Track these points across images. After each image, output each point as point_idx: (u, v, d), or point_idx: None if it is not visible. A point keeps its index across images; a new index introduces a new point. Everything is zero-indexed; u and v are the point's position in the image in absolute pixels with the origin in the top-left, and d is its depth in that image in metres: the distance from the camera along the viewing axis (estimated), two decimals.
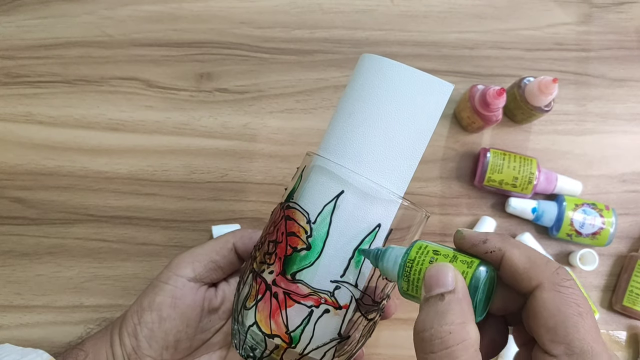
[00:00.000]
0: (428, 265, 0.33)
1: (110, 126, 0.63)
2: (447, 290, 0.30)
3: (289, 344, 0.38)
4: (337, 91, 0.65)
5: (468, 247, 0.34)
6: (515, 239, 0.62)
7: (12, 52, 0.64)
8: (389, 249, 0.36)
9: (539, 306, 0.31)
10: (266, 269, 0.40)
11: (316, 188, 0.39)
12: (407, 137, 0.39)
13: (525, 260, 0.32)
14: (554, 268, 0.31)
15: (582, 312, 0.30)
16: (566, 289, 0.30)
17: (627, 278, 0.63)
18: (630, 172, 0.67)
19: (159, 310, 0.45)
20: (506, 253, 0.32)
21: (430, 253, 0.33)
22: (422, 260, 0.33)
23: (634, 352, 0.64)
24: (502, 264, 0.33)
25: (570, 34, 0.69)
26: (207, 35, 0.66)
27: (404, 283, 0.34)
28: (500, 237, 0.33)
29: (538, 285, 0.31)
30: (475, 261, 0.32)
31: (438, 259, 0.33)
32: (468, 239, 0.34)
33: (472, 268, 0.32)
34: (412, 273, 0.33)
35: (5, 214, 0.61)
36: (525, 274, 0.32)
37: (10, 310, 0.59)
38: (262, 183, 0.63)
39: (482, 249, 0.33)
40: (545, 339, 0.30)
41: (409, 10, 0.68)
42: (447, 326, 0.29)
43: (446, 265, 0.32)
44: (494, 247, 0.33)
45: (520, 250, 0.32)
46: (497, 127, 0.66)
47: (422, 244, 0.34)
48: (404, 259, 0.34)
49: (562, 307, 0.30)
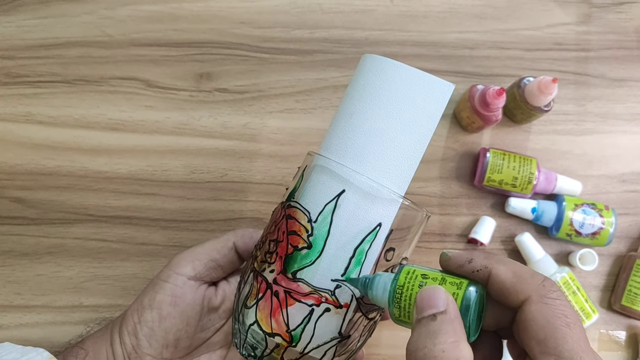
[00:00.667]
0: (418, 290, 0.33)
1: (110, 126, 0.63)
2: (439, 311, 0.31)
3: (290, 342, 0.38)
4: (336, 91, 0.66)
5: (454, 268, 0.34)
6: (516, 238, 0.63)
7: (12, 52, 0.64)
8: (377, 277, 0.36)
9: (528, 319, 0.31)
10: (267, 268, 0.40)
11: (317, 187, 0.39)
12: (408, 137, 0.39)
13: (511, 275, 0.32)
14: (540, 280, 0.32)
15: (570, 322, 0.30)
16: (553, 300, 0.31)
17: (625, 277, 0.64)
18: (630, 172, 0.67)
19: (159, 309, 0.45)
20: (492, 270, 0.33)
21: (419, 277, 0.34)
22: (412, 285, 0.33)
23: (633, 352, 0.64)
24: (490, 281, 0.33)
25: (570, 34, 0.70)
26: (207, 35, 0.66)
27: (396, 310, 0.34)
28: (484, 254, 0.34)
29: (526, 299, 0.31)
30: (464, 282, 0.33)
31: (427, 282, 0.33)
32: (454, 260, 0.34)
33: (462, 289, 0.32)
34: (402, 299, 0.34)
35: (5, 214, 0.61)
36: (512, 288, 0.32)
37: (10, 310, 0.59)
38: (262, 183, 0.63)
39: (469, 268, 0.34)
40: (536, 351, 0.30)
41: (408, 10, 0.68)
42: (440, 345, 0.29)
43: (437, 287, 0.32)
44: (480, 266, 0.33)
45: (505, 266, 0.33)
46: (496, 127, 0.67)
47: (410, 268, 0.35)
48: (393, 285, 0.34)
49: (551, 319, 0.30)
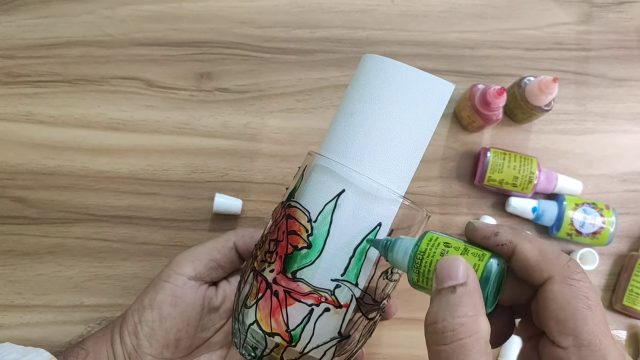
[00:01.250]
0: (439, 258, 0.33)
1: (111, 126, 0.63)
2: (459, 282, 0.31)
3: (289, 342, 0.38)
4: (337, 91, 0.65)
5: (479, 239, 0.34)
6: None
7: (13, 51, 0.64)
8: (399, 240, 0.36)
9: (549, 298, 0.31)
10: (267, 268, 0.40)
11: (317, 187, 0.39)
12: (408, 137, 0.39)
13: (537, 253, 0.32)
14: (565, 261, 0.32)
15: (592, 305, 0.30)
16: (577, 282, 0.31)
17: (627, 277, 0.63)
18: (631, 172, 0.67)
19: (160, 309, 0.45)
20: (517, 246, 0.33)
21: (441, 245, 0.33)
22: (433, 252, 0.33)
23: (634, 352, 0.64)
24: (514, 257, 0.33)
25: (570, 33, 0.69)
26: (208, 35, 0.66)
27: (414, 275, 0.34)
28: (511, 230, 0.34)
29: (549, 278, 0.31)
30: (487, 254, 0.32)
31: (449, 251, 0.33)
32: (479, 231, 0.34)
33: (484, 261, 0.32)
34: (422, 265, 0.33)
35: (6, 214, 0.61)
36: (536, 266, 0.32)
37: (11, 310, 0.59)
38: (263, 182, 0.63)
39: (494, 241, 0.33)
40: (555, 330, 0.30)
41: (409, 10, 0.68)
42: (460, 318, 0.29)
43: (458, 258, 0.32)
44: (505, 240, 0.33)
45: (531, 243, 0.33)
46: (497, 127, 0.67)
47: (433, 235, 0.34)
48: (414, 250, 0.34)
49: (572, 299, 0.30)
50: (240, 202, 0.61)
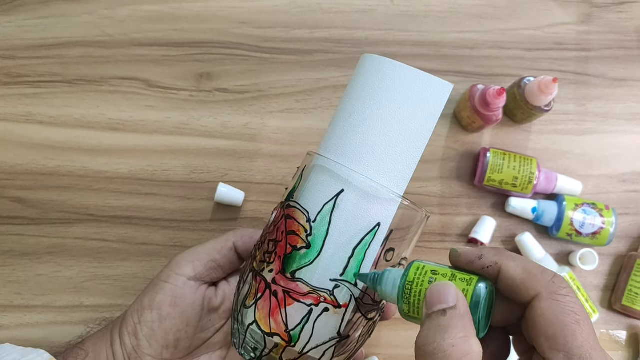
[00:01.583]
0: (428, 286, 0.33)
1: (110, 126, 0.63)
2: (449, 306, 0.31)
3: (288, 342, 0.38)
4: (336, 91, 0.65)
5: (464, 264, 0.34)
6: (516, 238, 0.63)
7: (13, 52, 0.64)
8: (386, 272, 0.36)
9: (538, 315, 0.31)
10: (266, 268, 0.39)
11: (316, 187, 0.39)
12: (407, 137, 0.39)
13: (521, 271, 0.32)
14: (550, 277, 0.32)
15: (580, 319, 0.30)
16: (563, 297, 0.31)
17: (626, 277, 0.63)
18: (630, 172, 0.67)
19: (159, 309, 0.45)
20: (502, 266, 0.33)
21: (428, 273, 0.34)
22: (422, 281, 0.33)
23: (633, 352, 0.64)
24: (500, 277, 0.33)
25: (570, 33, 0.69)
26: (207, 35, 0.66)
27: (405, 305, 0.34)
28: (494, 250, 0.34)
29: (536, 295, 0.32)
30: (474, 278, 0.33)
31: (437, 278, 0.33)
32: (464, 256, 0.34)
33: (472, 285, 0.32)
34: (412, 295, 0.34)
35: (5, 214, 0.61)
36: (522, 284, 0.32)
37: (11, 310, 0.59)
38: (262, 183, 0.63)
39: (479, 264, 0.34)
40: (545, 347, 0.31)
41: (409, 10, 0.68)
42: (450, 340, 0.29)
43: (447, 283, 0.32)
44: (490, 262, 0.33)
45: (515, 262, 0.33)
46: (497, 127, 0.66)
47: (420, 264, 0.35)
48: (402, 281, 0.34)
49: (560, 315, 0.30)
50: (243, 193, 0.61)
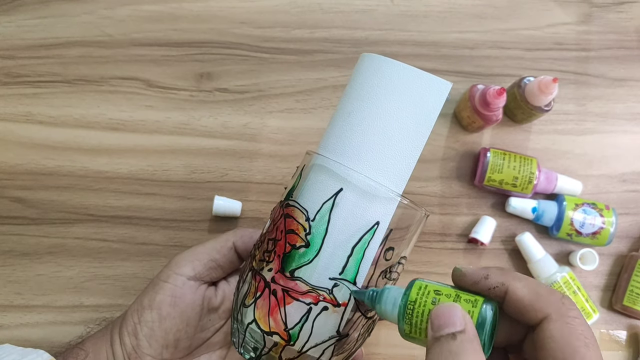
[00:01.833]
0: (431, 307, 0.32)
1: (111, 126, 0.63)
2: (457, 330, 0.30)
3: (288, 341, 0.38)
4: (336, 91, 0.65)
5: (469, 284, 0.34)
6: (517, 238, 0.63)
7: (12, 51, 0.64)
8: (386, 291, 0.35)
9: (547, 337, 0.31)
10: (265, 267, 0.39)
11: (315, 186, 0.39)
12: (406, 135, 0.39)
13: (529, 292, 0.32)
14: (559, 298, 0.32)
15: (589, 343, 0.30)
16: (573, 319, 0.31)
17: (627, 278, 0.63)
18: (630, 172, 0.67)
19: (159, 309, 0.45)
20: (509, 287, 0.32)
21: (432, 293, 0.33)
22: (424, 301, 0.33)
23: (634, 352, 0.64)
24: (507, 299, 0.32)
25: (570, 33, 0.69)
26: (207, 35, 0.66)
27: (406, 326, 0.33)
28: (500, 271, 0.33)
29: (545, 317, 0.31)
30: (480, 299, 0.32)
31: (440, 299, 0.33)
32: (469, 276, 0.34)
33: (477, 307, 0.32)
34: (414, 315, 0.33)
35: (6, 214, 0.61)
36: (530, 306, 0.32)
37: (11, 310, 0.59)
38: (262, 182, 0.63)
39: (485, 285, 0.33)
40: None
41: (409, 10, 0.68)
42: None
43: (453, 304, 0.32)
44: (496, 283, 0.33)
45: (522, 283, 0.32)
46: (497, 127, 0.66)
47: (422, 283, 0.34)
48: (404, 300, 0.34)
49: (571, 339, 0.30)
50: (240, 204, 0.61)
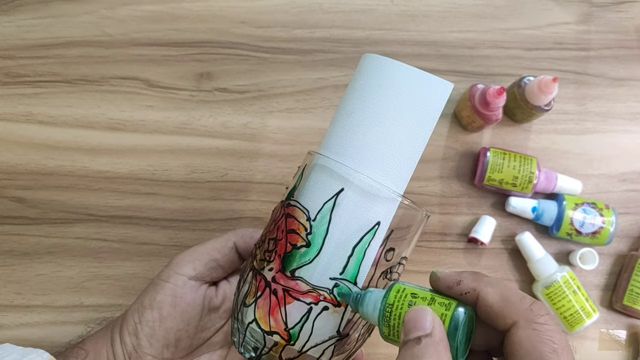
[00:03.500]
0: (407, 309, 0.33)
1: (111, 126, 0.63)
2: (425, 333, 0.31)
3: (288, 341, 0.38)
4: (336, 90, 0.66)
5: (444, 289, 0.34)
6: (516, 237, 0.63)
7: (12, 51, 0.64)
8: (368, 293, 0.36)
9: (516, 344, 0.31)
10: (266, 267, 0.40)
11: (317, 186, 0.39)
12: (407, 136, 0.39)
13: (499, 298, 0.32)
14: (528, 304, 0.32)
15: (557, 348, 0.30)
16: (541, 325, 0.31)
17: (627, 277, 0.63)
18: (630, 172, 0.67)
19: (160, 309, 0.45)
20: (480, 293, 0.33)
21: (408, 296, 0.34)
22: (401, 304, 0.33)
23: (634, 351, 0.64)
24: (478, 304, 0.33)
25: (570, 33, 0.69)
26: (207, 35, 0.66)
27: (385, 328, 0.34)
28: (473, 276, 0.34)
29: (514, 324, 0.31)
30: (453, 303, 0.33)
31: (416, 302, 0.33)
32: (443, 281, 0.34)
33: (450, 310, 0.32)
34: (392, 318, 0.33)
35: (6, 214, 0.61)
36: (500, 312, 0.32)
37: (11, 310, 0.59)
38: (262, 182, 0.63)
39: (457, 290, 0.34)
40: None
41: (408, 10, 0.68)
42: None
43: (424, 308, 0.32)
44: (468, 288, 0.33)
45: (493, 288, 0.33)
46: (497, 127, 0.67)
47: (401, 286, 0.34)
48: (383, 303, 0.34)
49: (538, 344, 0.30)
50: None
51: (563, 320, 0.61)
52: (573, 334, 0.62)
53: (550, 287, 0.61)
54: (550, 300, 0.61)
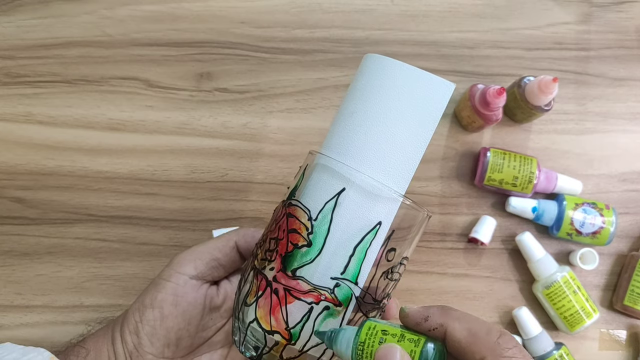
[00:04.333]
0: (378, 347, 0.33)
1: (111, 126, 0.63)
2: None
3: (289, 340, 0.38)
4: (337, 91, 0.66)
5: (412, 325, 0.35)
6: (517, 237, 0.63)
7: (12, 52, 0.64)
8: (341, 332, 0.36)
9: None
10: (267, 266, 0.40)
11: (318, 186, 0.39)
12: (409, 136, 0.39)
13: (466, 334, 0.32)
14: (495, 338, 0.32)
15: None
16: (509, 359, 0.31)
17: (627, 277, 0.63)
18: (631, 172, 0.67)
19: (161, 308, 0.45)
20: (448, 329, 0.33)
21: (379, 334, 0.34)
22: (372, 342, 0.34)
23: (634, 351, 0.64)
24: (446, 339, 0.33)
25: (570, 33, 0.70)
26: (207, 35, 0.66)
27: None
28: (441, 311, 0.34)
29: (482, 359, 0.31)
30: (422, 339, 0.33)
31: (387, 339, 0.33)
32: (411, 317, 0.35)
33: (419, 347, 0.32)
34: (364, 356, 0.34)
35: (6, 214, 0.61)
36: (468, 347, 0.32)
37: (11, 310, 0.59)
38: (263, 182, 0.63)
39: (425, 327, 0.34)
40: None
41: (409, 10, 0.68)
42: None
43: (393, 346, 0.32)
44: (435, 324, 0.33)
45: (460, 323, 0.33)
46: (497, 127, 0.67)
47: (372, 323, 0.35)
48: (355, 341, 0.34)
49: None
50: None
51: (563, 320, 0.61)
52: (573, 334, 0.62)
53: (551, 287, 0.61)
54: (551, 300, 0.61)
